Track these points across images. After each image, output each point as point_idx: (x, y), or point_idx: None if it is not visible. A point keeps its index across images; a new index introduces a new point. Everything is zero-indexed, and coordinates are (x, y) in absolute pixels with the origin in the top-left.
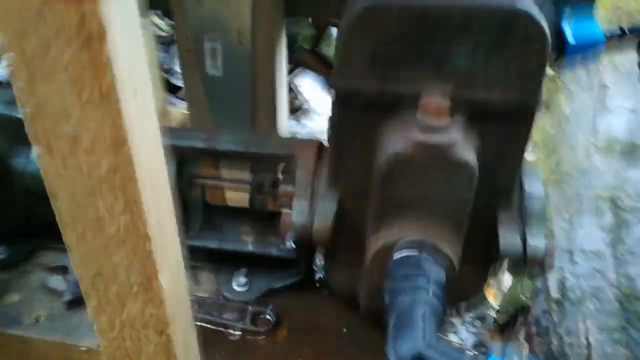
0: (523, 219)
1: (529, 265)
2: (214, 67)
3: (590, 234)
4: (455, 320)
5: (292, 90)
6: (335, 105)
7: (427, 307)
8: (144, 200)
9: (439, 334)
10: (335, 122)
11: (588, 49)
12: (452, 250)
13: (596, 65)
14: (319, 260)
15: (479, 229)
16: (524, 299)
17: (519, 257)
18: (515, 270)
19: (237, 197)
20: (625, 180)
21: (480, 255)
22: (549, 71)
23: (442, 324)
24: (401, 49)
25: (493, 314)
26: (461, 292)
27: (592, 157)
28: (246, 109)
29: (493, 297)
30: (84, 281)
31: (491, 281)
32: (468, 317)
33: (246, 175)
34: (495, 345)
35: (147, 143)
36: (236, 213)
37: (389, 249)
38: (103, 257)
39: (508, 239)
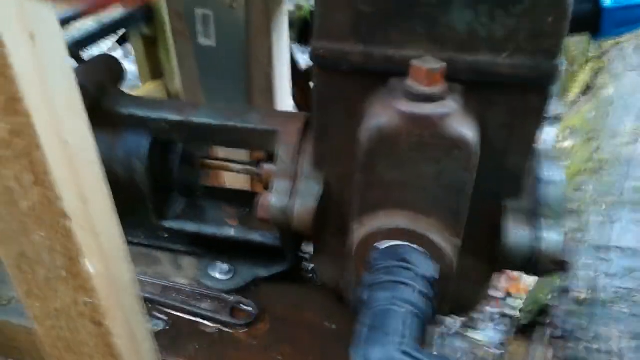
0: (537, 210)
1: (541, 263)
2: (206, 36)
3: (628, 229)
4: (482, 317)
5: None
6: (318, 73)
7: (410, 307)
8: (56, 171)
9: (421, 340)
10: (318, 94)
11: (629, 14)
12: (447, 243)
13: None
14: (308, 249)
15: (483, 219)
16: (549, 297)
17: (525, 253)
18: (522, 270)
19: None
20: None
21: (486, 251)
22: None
23: (427, 327)
24: (388, 4)
25: (517, 313)
26: (463, 293)
27: (637, 144)
28: (241, 82)
29: (519, 292)
30: (9, 263)
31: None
32: (495, 314)
33: (229, 152)
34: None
35: (55, 104)
36: (222, 195)
37: (374, 238)
38: (23, 236)
39: (514, 231)
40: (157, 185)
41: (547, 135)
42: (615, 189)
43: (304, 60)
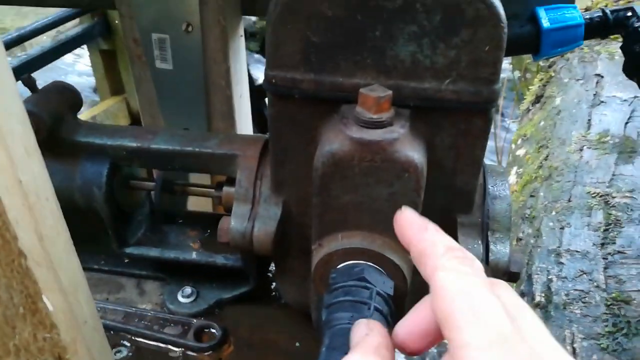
0: (486, 224)
1: (492, 274)
2: (163, 60)
3: (579, 233)
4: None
5: None
6: (272, 101)
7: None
8: (11, 211)
9: None
10: (274, 120)
11: (566, 34)
12: (402, 260)
13: (591, 54)
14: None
15: None
16: None
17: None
18: None
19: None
20: (618, 177)
21: None
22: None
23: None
24: (337, 35)
25: None
26: None
27: (584, 151)
28: (200, 104)
29: None
30: None
31: None
32: None
33: (187, 176)
34: None
35: (7, 144)
36: (185, 219)
37: (332, 259)
38: None
39: (466, 245)
40: (117, 211)
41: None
42: (565, 195)
43: (261, 73)
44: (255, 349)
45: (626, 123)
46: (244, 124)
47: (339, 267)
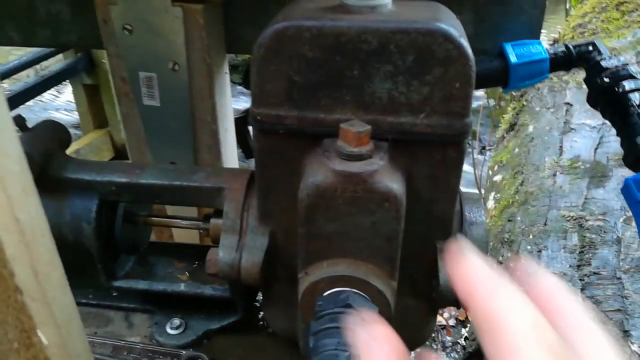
0: None
1: None
2: (150, 97)
3: (555, 256)
4: (436, 346)
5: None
6: (257, 136)
7: (352, 352)
8: (9, 249)
9: None
10: (260, 155)
11: (532, 68)
12: (385, 285)
13: (560, 84)
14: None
15: (419, 261)
16: None
17: None
18: (456, 305)
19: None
20: (590, 200)
21: (425, 289)
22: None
23: None
24: (317, 74)
25: (463, 341)
26: (409, 330)
27: (557, 177)
28: (187, 140)
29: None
30: None
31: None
32: (448, 343)
33: (176, 209)
34: None
35: (7, 186)
36: (173, 251)
37: (318, 287)
38: None
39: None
40: (106, 246)
41: None
42: (541, 219)
43: (245, 103)
44: None
45: (596, 149)
46: (230, 157)
47: (324, 294)
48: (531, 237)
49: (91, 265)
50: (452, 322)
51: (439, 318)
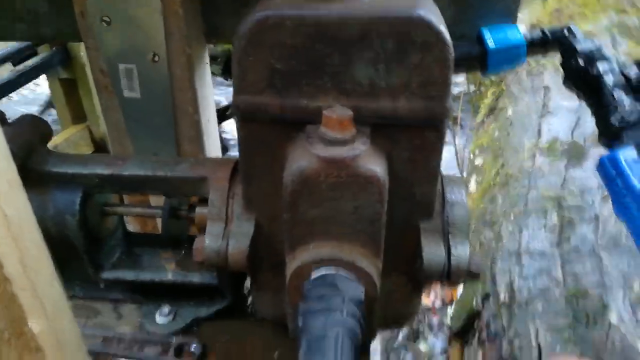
0: (446, 229)
1: (454, 275)
2: (130, 89)
3: (536, 235)
4: (423, 327)
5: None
6: (240, 124)
7: (341, 329)
8: None
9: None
10: (243, 143)
11: (510, 53)
12: (371, 266)
13: (538, 67)
14: (248, 285)
15: (402, 241)
16: (475, 305)
17: (440, 268)
18: (439, 281)
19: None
20: (569, 180)
21: (410, 269)
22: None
23: (361, 342)
24: (299, 62)
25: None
26: (395, 308)
27: (536, 158)
28: (168, 131)
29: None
30: None
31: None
32: (435, 323)
33: (159, 200)
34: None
35: None
36: (158, 242)
37: (305, 269)
38: None
39: (431, 250)
40: (91, 238)
41: None
42: (521, 200)
43: (226, 95)
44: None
45: (573, 130)
46: (213, 147)
47: (311, 276)
48: (512, 217)
49: (77, 258)
50: (438, 303)
51: (425, 300)
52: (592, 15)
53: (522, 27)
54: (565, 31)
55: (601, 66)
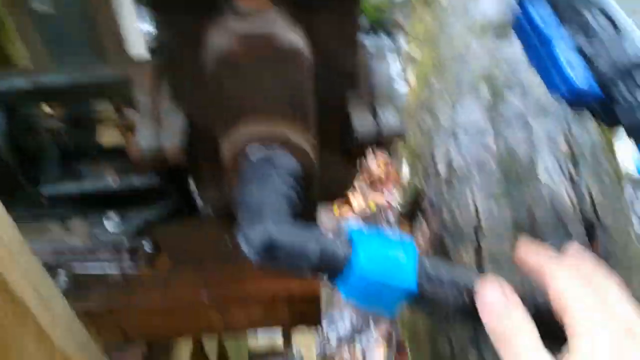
0: (372, 97)
1: (385, 139)
2: (41, 1)
3: (471, 113)
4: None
5: None
6: (153, 13)
7: (277, 195)
8: None
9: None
10: (160, 32)
11: None
12: (304, 141)
13: None
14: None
15: (332, 113)
16: (419, 186)
17: (371, 134)
18: (372, 147)
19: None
20: (499, 59)
21: (343, 141)
22: None
23: (299, 213)
24: None
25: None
26: (332, 182)
27: (469, 42)
28: (89, 46)
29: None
30: None
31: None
32: (392, 220)
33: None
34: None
35: None
36: (98, 155)
37: (239, 151)
38: None
39: (360, 118)
40: (23, 155)
41: None
42: (456, 82)
43: None
44: (188, 254)
45: (501, 11)
46: (136, 46)
47: (246, 155)
48: (447, 98)
49: (14, 179)
50: (394, 202)
51: (381, 199)
52: None
53: None
54: None
55: None
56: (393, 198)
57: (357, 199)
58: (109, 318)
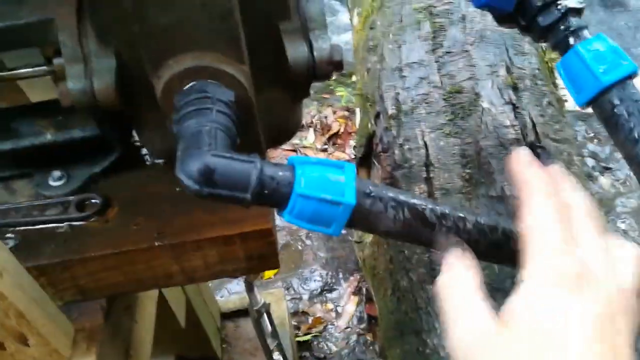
0: (305, 26)
1: (320, 68)
2: None
3: (412, 48)
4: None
5: None
6: None
7: (213, 124)
8: None
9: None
10: None
11: None
12: (236, 70)
13: None
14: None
15: (265, 45)
16: (371, 129)
17: (306, 64)
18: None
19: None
20: None
21: (280, 74)
22: None
23: (235, 141)
24: None
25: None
26: (277, 122)
27: None
28: None
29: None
30: None
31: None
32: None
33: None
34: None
35: None
36: (33, 111)
37: (173, 85)
38: None
39: (293, 47)
40: None
41: None
42: (397, 18)
43: None
44: (139, 203)
45: None
46: None
47: (180, 92)
48: (391, 36)
49: None
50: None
51: (342, 155)
52: None
53: None
54: None
55: None
56: (353, 152)
57: (318, 156)
58: (64, 275)
